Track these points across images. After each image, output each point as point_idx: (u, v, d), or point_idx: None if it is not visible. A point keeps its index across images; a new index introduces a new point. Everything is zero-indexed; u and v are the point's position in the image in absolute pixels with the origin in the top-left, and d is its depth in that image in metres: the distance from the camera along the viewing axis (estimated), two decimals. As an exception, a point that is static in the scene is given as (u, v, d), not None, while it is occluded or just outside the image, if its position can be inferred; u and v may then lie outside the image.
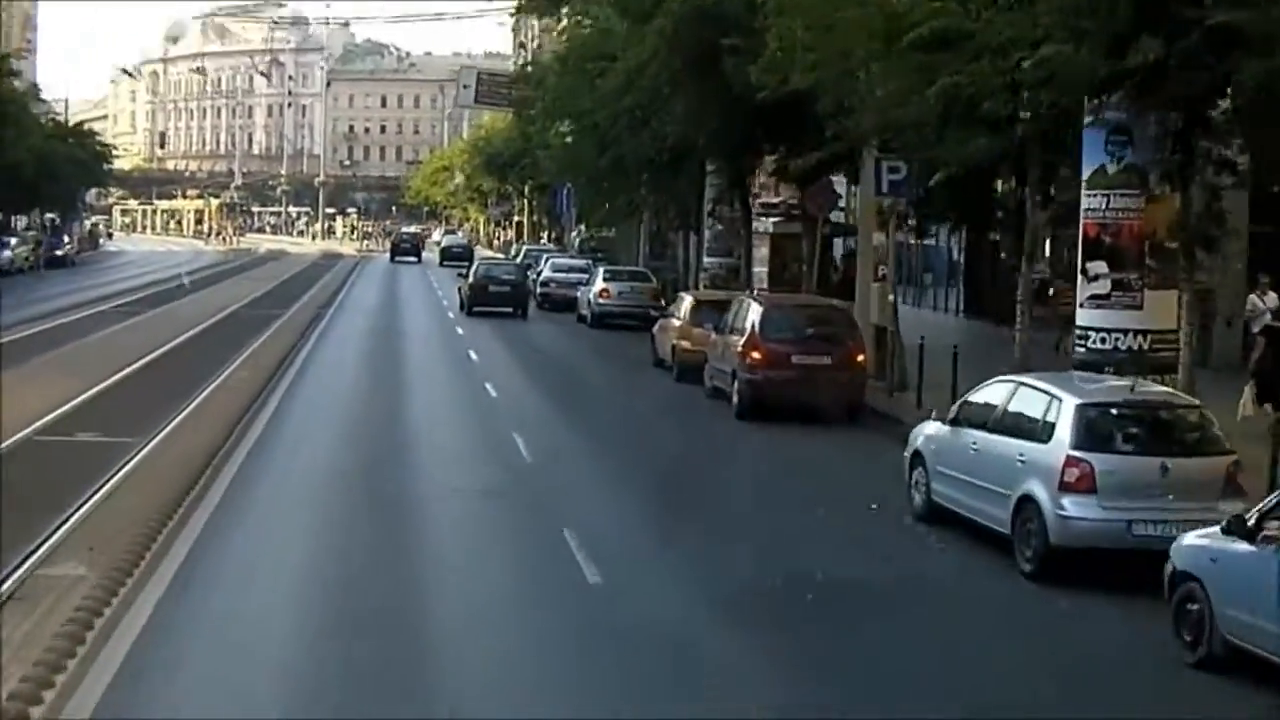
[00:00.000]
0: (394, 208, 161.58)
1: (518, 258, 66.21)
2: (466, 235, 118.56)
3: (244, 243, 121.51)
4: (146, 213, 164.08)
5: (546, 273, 51.87)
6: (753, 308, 25.72)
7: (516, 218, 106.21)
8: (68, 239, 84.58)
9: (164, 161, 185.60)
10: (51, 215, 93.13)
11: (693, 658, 11.53)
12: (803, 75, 24.95)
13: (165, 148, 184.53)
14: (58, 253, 78.00)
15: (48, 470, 17.74)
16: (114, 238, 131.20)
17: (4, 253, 66.45)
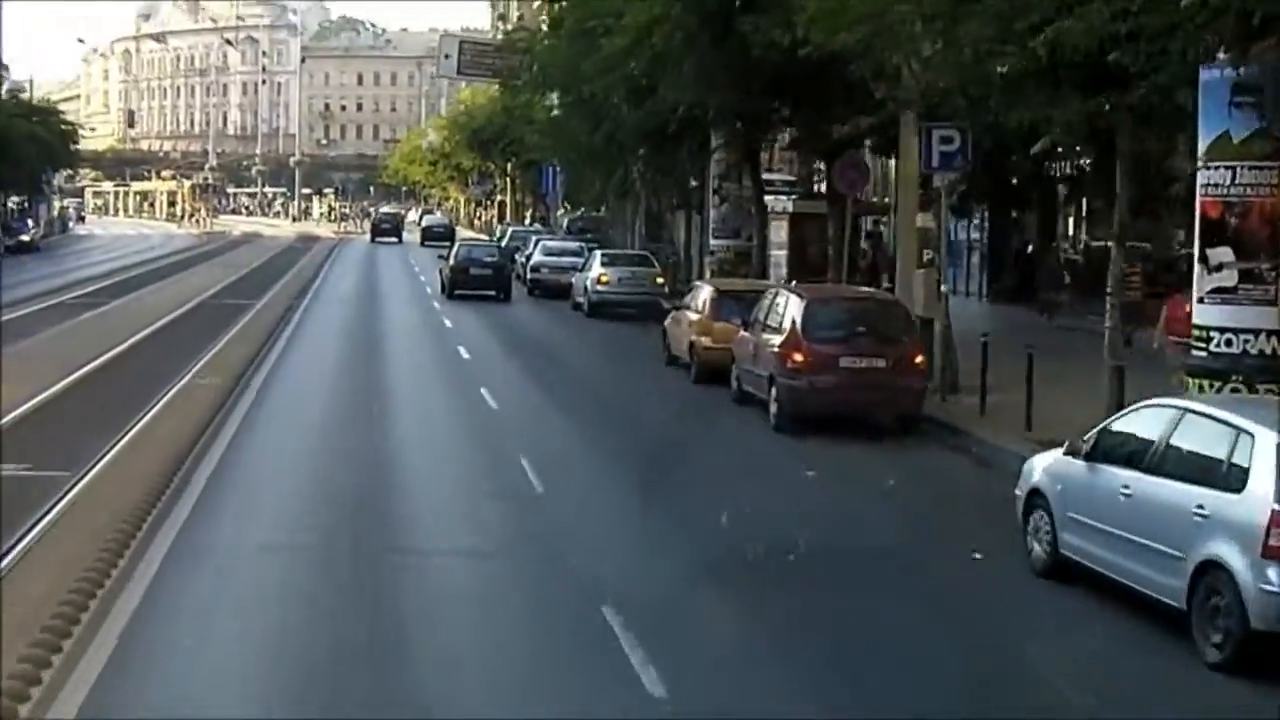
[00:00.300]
0: (371, 188, 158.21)
1: (502, 239, 62.80)
2: (446, 215, 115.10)
3: (218, 225, 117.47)
4: (120, 195, 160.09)
5: (538, 257, 48.24)
6: (792, 301, 22.19)
7: (499, 197, 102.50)
8: (31, 223, 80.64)
9: (138, 142, 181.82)
10: (17, 199, 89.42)
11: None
12: (845, 33, 21.42)
13: (135, 127, 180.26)
14: (23, 238, 74.31)
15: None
16: (86, 221, 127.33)
17: (-41, 239, 62.75)
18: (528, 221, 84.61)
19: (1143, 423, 12.68)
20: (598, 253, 43.26)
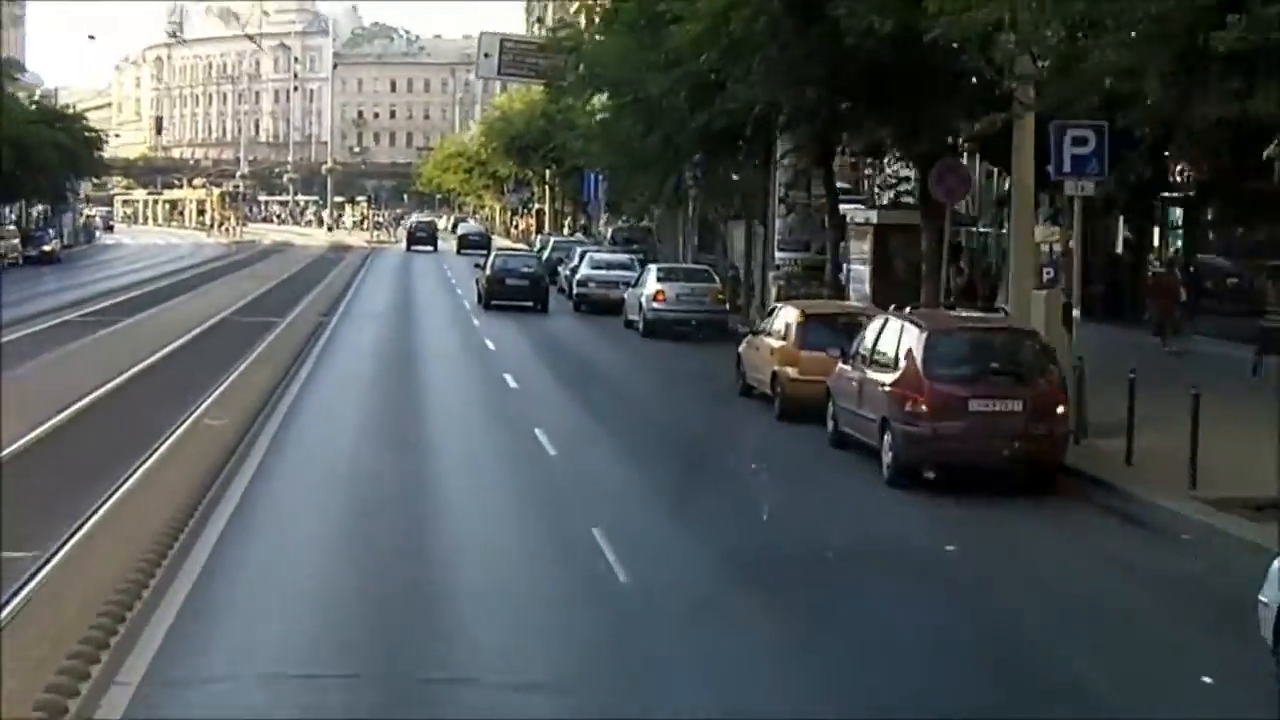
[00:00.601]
0: (405, 195, 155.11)
1: (544, 250, 59.43)
2: (482, 223, 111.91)
3: (248, 234, 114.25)
4: (149, 203, 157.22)
5: (585, 270, 44.76)
6: (909, 332, 18.66)
7: (536, 205, 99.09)
8: (52, 233, 77.48)
9: (169, 150, 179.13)
10: (41, 207, 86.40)
11: None
12: (976, 10, 17.99)
13: (162, 134, 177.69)
14: (44, 248, 71.19)
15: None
16: (114, 230, 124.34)
17: (-26, 251, 59.55)
18: (567, 231, 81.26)
19: None
20: (653, 267, 39.82)
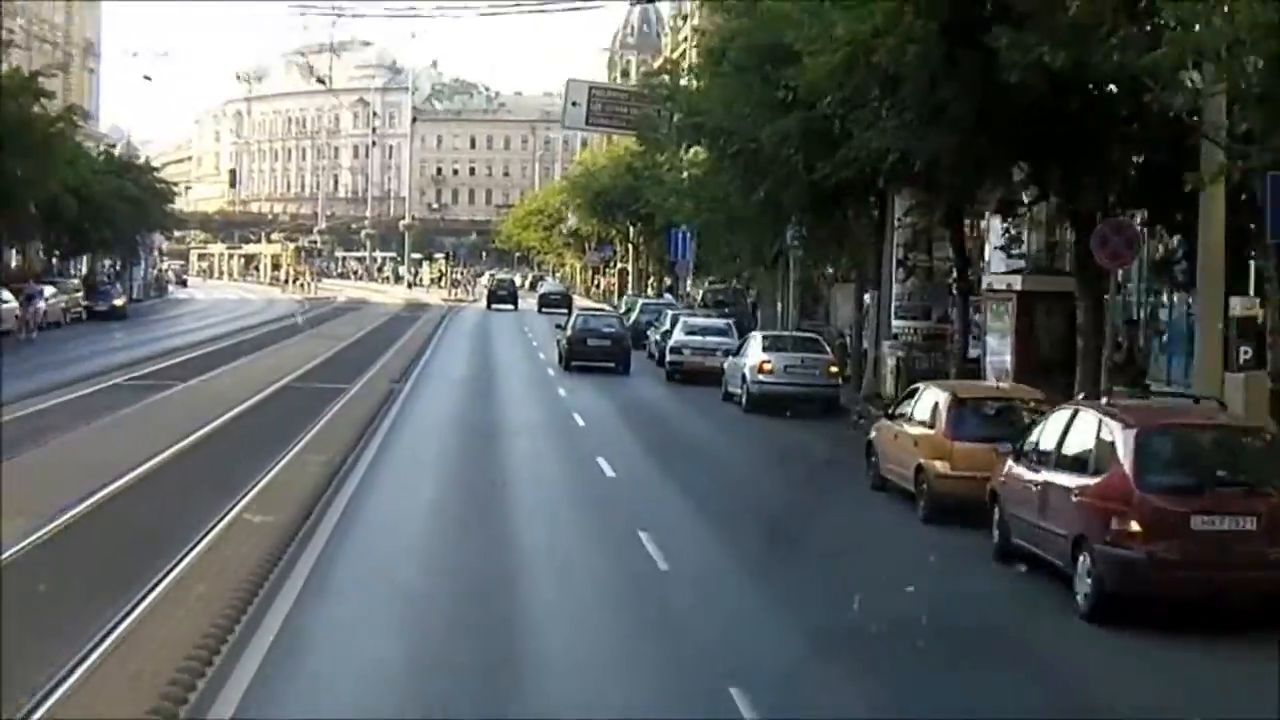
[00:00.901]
0: (484, 253, 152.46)
1: (630, 312, 56.18)
2: (563, 282, 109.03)
3: (323, 290, 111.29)
4: (225, 258, 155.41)
5: (679, 336, 41.24)
6: (1108, 426, 15.03)
7: (619, 264, 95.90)
8: (119, 287, 74.73)
9: (247, 204, 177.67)
10: (109, 261, 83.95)
11: None
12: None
13: (235, 187, 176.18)
14: (115, 303, 68.29)
15: None
16: (188, 284, 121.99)
17: (38, 303, 56.55)
18: (651, 291, 77.99)
19: None
20: (757, 335, 36.33)
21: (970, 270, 32.81)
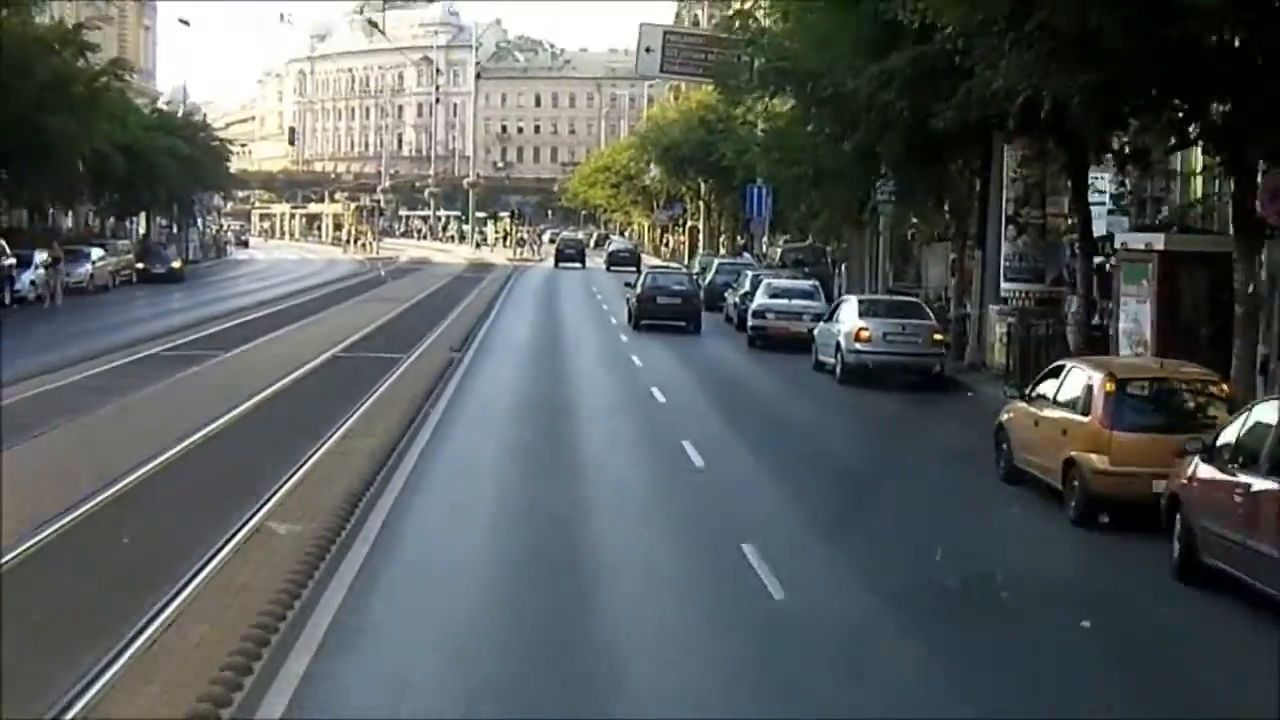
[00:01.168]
0: (549, 211, 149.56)
1: (705, 272, 53.13)
2: (630, 241, 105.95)
3: (385, 250, 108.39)
4: (287, 217, 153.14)
5: (761, 299, 38.03)
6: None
7: (690, 222, 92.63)
8: (174, 248, 71.96)
9: (311, 163, 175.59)
10: (163, 220, 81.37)
11: None
12: None
13: (294, 145, 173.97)
14: (173, 265, 65.30)
15: None
16: (249, 245, 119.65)
17: (81, 267, 53.78)
18: (723, 250, 74.75)
19: None
20: (852, 298, 33.11)
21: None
